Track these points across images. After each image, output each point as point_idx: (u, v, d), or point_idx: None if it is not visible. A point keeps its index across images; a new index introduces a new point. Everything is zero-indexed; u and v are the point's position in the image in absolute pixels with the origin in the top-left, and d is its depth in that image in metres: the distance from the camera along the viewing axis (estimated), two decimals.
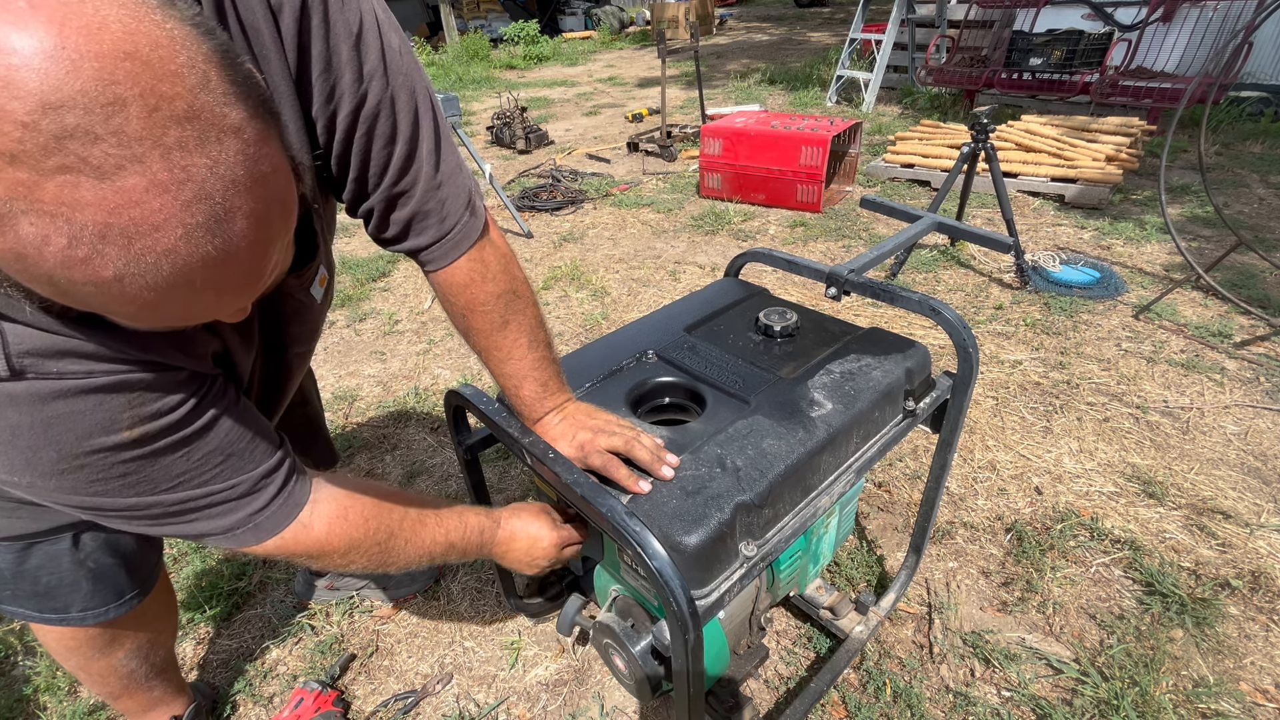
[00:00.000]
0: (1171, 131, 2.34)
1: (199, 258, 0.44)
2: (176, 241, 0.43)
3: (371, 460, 2.07)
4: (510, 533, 1.00)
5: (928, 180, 3.86)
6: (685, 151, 4.92)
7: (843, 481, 0.95)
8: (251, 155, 0.45)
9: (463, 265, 0.84)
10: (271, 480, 0.74)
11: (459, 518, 0.94)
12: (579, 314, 2.82)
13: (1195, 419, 1.99)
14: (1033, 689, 1.31)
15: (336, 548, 0.81)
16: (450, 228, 0.81)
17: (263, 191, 0.47)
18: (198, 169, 0.42)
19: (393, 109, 0.71)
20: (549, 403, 0.93)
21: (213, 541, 0.74)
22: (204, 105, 0.42)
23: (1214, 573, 1.51)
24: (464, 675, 1.43)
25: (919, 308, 1.05)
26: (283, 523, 0.76)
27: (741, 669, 1.15)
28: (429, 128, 0.76)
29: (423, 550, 0.89)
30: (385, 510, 0.85)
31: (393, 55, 0.70)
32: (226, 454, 0.69)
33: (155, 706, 1.21)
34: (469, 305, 0.86)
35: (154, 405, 0.62)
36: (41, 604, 0.93)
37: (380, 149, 0.73)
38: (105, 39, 0.38)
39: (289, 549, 0.78)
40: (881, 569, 1.60)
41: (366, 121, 0.70)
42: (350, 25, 0.66)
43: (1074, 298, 2.66)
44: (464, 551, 0.94)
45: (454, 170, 0.80)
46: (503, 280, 0.87)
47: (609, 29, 12.21)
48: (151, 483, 0.65)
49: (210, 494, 0.69)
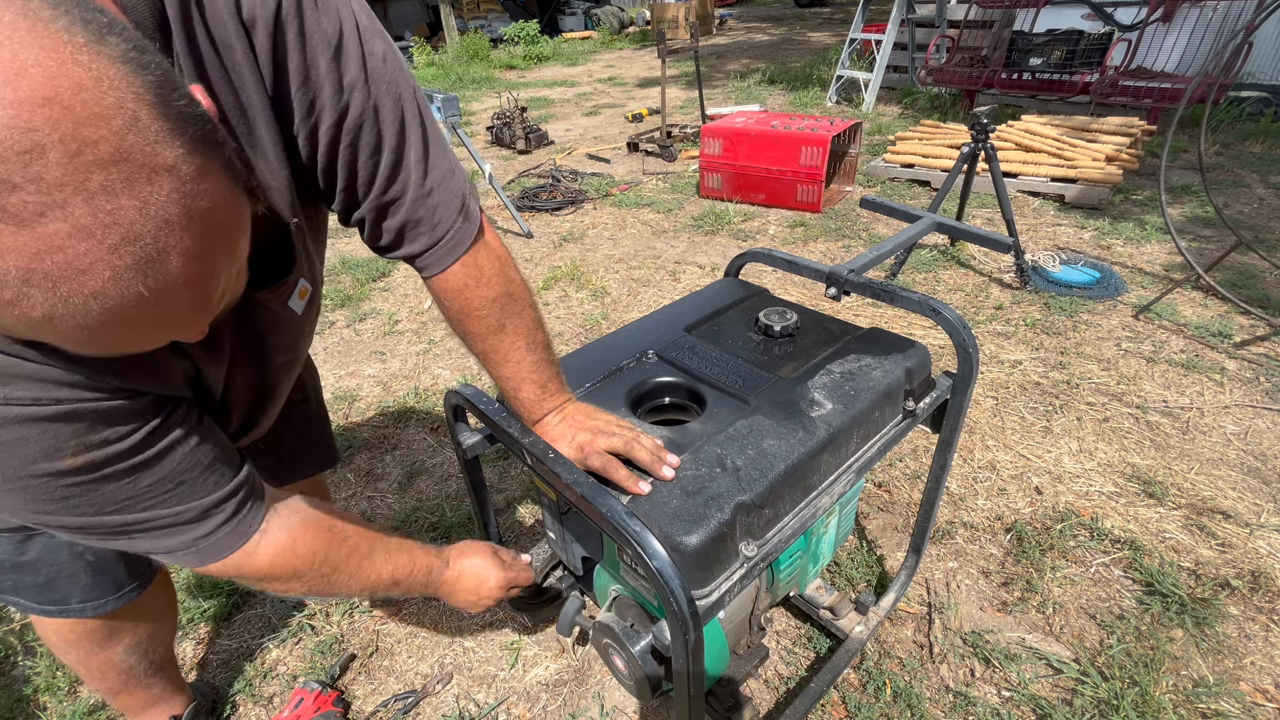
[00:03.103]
0: (1171, 131, 2.34)
1: (131, 298, 0.44)
2: (104, 284, 0.42)
3: (371, 460, 2.07)
4: (458, 573, 1.02)
5: (928, 180, 3.86)
6: (685, 151, 4.92)
7: (843, 481, 0.95)
8: (188, 192, 0.44)
9: (457, 271, 0.84)
10: (221, 509, 0.74)
11: (408, 556, 0.95)
12: (579, 314, 2.82)
13: (1195, 419, 1.99)
14: (1033, 689, 1.31)
15: (279, 575, 0.81)
16: (442, 235, 0.81)
17: (201, 228, 0.46)
18: (125, 212, 0.41)
19: (376, 119, 0.70)
20: (548, 404, 0.93)
21: (156, 558, 0.75)
22: (132, 146, 0.41)
23: (1214, 573, 1.51)
24: (464, 675, 1.43)
25: (919, 308, 1.05)
26: (226, 549, 0.76)
27: (741, 669, 1.15)
28: (416, 135, 0.75)
29: (365, 584, 0.90)
30: (335, 543, 0.86)
31: (375, 63, 0.69)
32: (177, 482, 0.69)
33: (155, 704, 1.21)
34: (464, 310, 0.86)
35: (103, 433, 0.61)
36: (41, 595, 0.93)
37: (366, 159, 0.72)
38: (23, 85, 0.38)
39: (231, 573, 0.78)
40: (881, 569, 1.60)
41: (350, 133, 0.69)
42: (329, 37, 0.64)
43: (1074, 298, 2.66)
44: (408, 588, 0.95)
45: (445, 176, 0.79)
46: (498, 284, 0.87)
47: (609, 29, 12.21)
48: (95, 505, 0.65)
49: (154, 518, 0.69)
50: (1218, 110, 4.52)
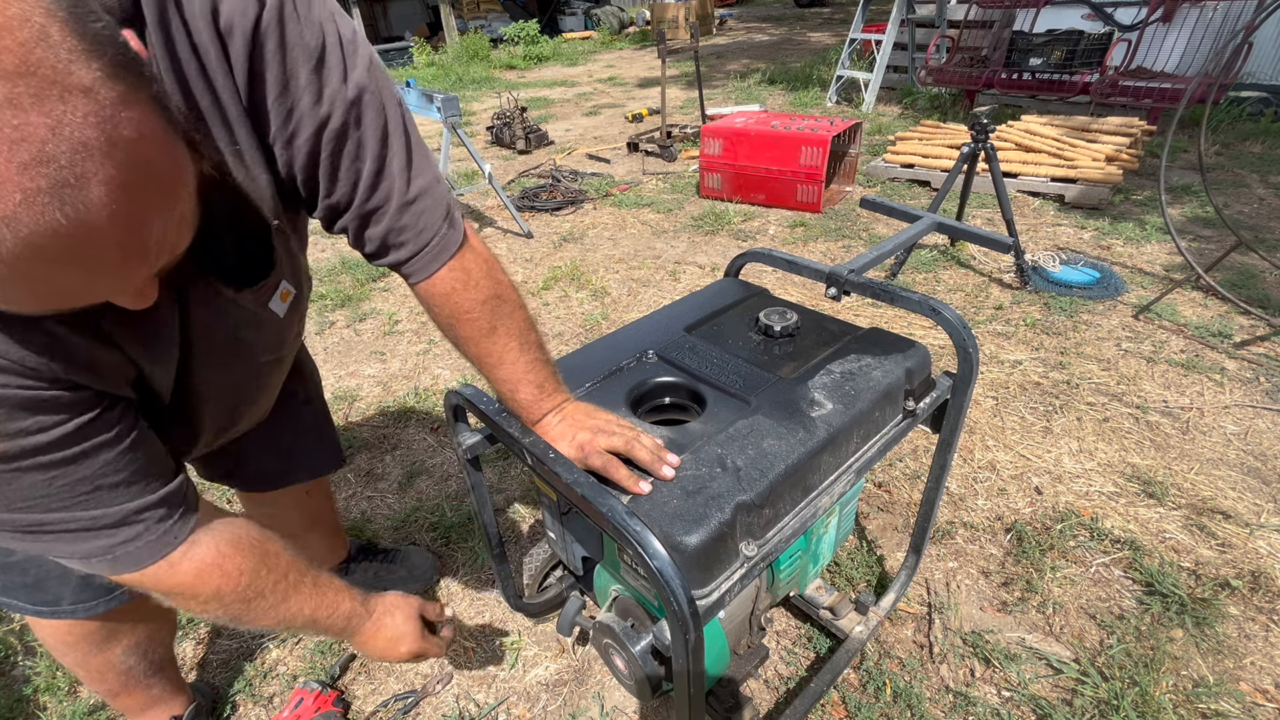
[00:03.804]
0: (1171, 131, 2.34)
1: (46, 227, 0.41)
2: (15, 208, 0.40)
3: (371, 460, 2.07)
4: (376, 627, 0.99)
5: (928, 180, 3.86)
6: (685, 151, 4.92)
7: (843, 481, 0.95)
8: (107, 118, 0.42)
9: (444, 276, 0.83)
10: (143, 517, 0.71)
11: (333, 596, 0.92)
12: (579, 314, 2.82)
13: (1195, 419, 1.99)
14: (1033, 689, 1.31)
15: (199, 593, 0.77)
16: (427, 241, 0.81)
17: (125, 158, 0.43)
18: (34, 129, 0.39)
19: (359, 128, 0.70)
20: (546, 404, 0.92)
21: (67, 563, 0.71)
22: (41, 60, 0.39)
23: (1214, 573, 1.51)
24: (464, 675, 1.43)
25: (919, 308, 1.05)
26: (146, 559, 0.72)
27: (741, 669, 1.15)
28: (399, 144, 0.75)
29: (282, 618, 0.86)
30: (264, 569, 0.82)
31: (358, 75, 0.68)
32: (95, 485, 0.66)
33: (154, 705, 1.21)
34: (454, 314, 0.86)
35: (23, 423, 0.59)
36: (33, 595, 0.93)
37: (348, 168, 0.72)
38: None
39: (149, 585, 0.75)
40: (881, 569, 1.60)
41: (331, 142, 0.69)
42: (311, 49, 0.64)
43: (1074, 298, 2.66)
44: (324, 630, 0.92)
45: (430, 184, 0.79)
46: (486, 286, 0.86)
47: (609, 29, 12.21)
48: (4, 499, 0.63)
49: (68, 520, 0.66)
50: (1218, 110, 4.52)
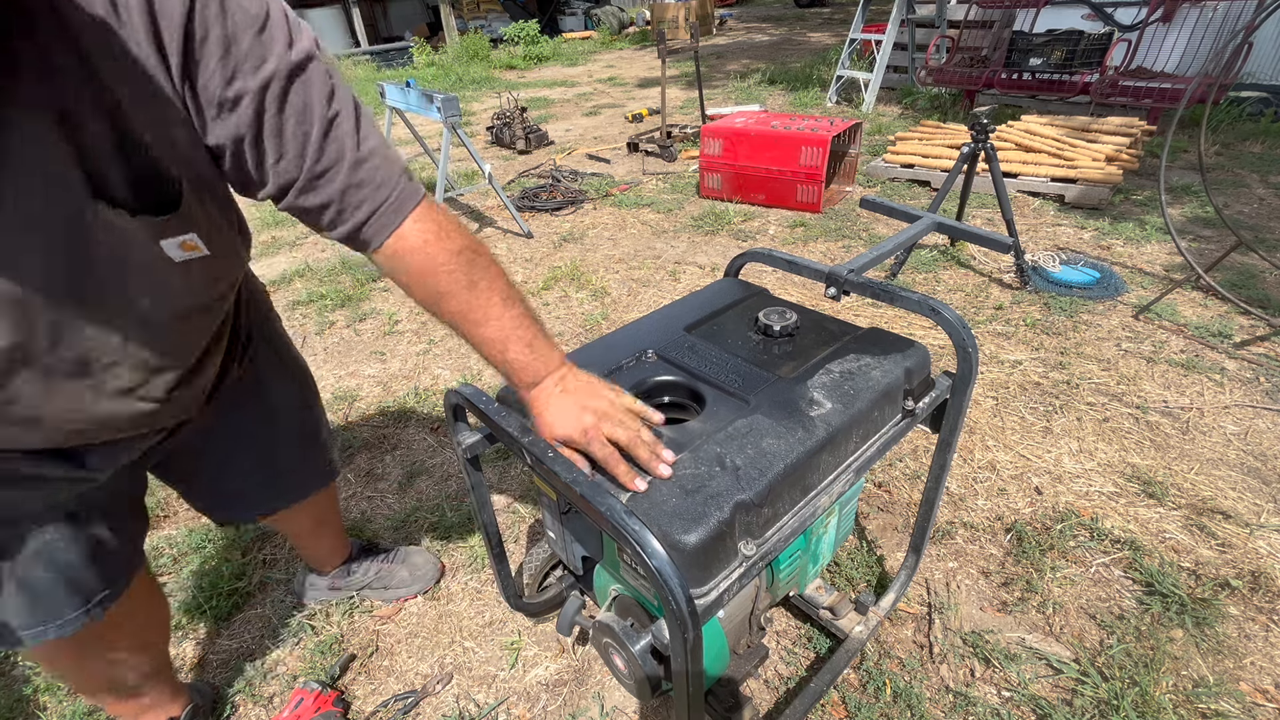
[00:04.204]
0: (1171, 131, 2.34)
1: None
2: None
3: (371, 460, 2.07)
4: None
5: (928, 180, 3.86)
6: (685, 151, 4.92)
7: (842, 481, 0.95)
8: None
9: (411, 228, 0.79)
10: None
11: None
12: (579, 314, 2.82)
13: (1195, 419, 1.99)
14: (1033, 689, 1.30)
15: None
16: (387, 196, 0.78)
17: None
18: None
19: (305, 91, 0.71)
20: (540, 366, 0.86)
21: None
22: None
23: (1214, 573, 1.51)
24: (464, 675, 1.43)
25: (919, 308, 1.05)
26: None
27: (741, 669, 1.15)
28: (348, 108, 0.75)
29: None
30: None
31: (303, 43, 0.71)
32: None
33: (148, 712, 1.20)
34: (429, 268, 0.80)
35: None
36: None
37: (294, 128, 0.71)
38: None
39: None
40: (881, 569, 1.60)
41: (275, 101, 0.69)
42: (253, 15, 0.67)
43: (1074, 298, 2.66)
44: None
45: (380, 145, 0.78)
46: (458, 237, 0.82)
47: (609, 29, 12.21)
48: None
49: None
50: (1218, 110, 4.52)
